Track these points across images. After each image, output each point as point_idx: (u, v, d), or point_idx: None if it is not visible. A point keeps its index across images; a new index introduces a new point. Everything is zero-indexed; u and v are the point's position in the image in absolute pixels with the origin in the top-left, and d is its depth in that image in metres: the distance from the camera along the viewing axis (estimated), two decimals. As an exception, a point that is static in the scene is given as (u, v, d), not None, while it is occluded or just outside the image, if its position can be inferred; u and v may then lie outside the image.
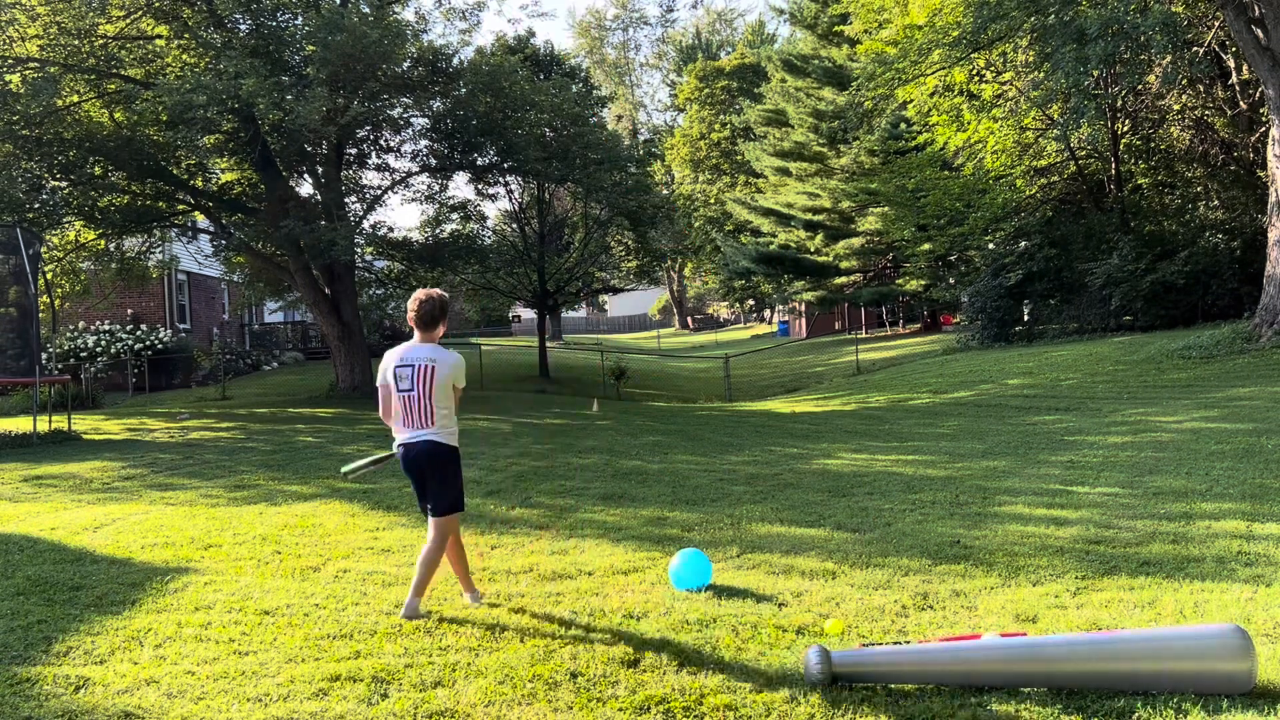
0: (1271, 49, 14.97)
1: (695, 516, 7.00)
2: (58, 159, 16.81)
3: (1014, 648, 3.55)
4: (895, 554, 5.53)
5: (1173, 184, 23.59)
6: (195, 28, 17.13)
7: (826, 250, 35.45)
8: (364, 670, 3.84)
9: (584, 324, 72.33)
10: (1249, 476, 7.00)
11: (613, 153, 21.84)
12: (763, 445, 11.31)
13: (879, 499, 7.34)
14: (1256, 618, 4.05)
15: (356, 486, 8.55)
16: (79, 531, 6.90)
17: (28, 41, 16.40)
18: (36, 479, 9.69)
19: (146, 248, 21.61)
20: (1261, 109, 18.24)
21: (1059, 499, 6.89)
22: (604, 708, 3.43)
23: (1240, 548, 5.19)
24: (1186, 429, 9.57)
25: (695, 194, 51.52)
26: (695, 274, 63.10)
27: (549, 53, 31.50)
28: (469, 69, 18.69)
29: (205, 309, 30.19)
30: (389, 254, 22.15)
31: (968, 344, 23.87)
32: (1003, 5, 16.03)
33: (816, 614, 4.43)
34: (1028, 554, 5.37)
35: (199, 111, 14.67)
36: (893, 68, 19.14)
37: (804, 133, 36.82)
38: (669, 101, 65.33)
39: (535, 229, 27.67)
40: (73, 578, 5.48)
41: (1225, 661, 3.31)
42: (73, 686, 3.75)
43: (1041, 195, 24.73)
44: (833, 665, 3.50)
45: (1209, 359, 14.77)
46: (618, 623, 4.42)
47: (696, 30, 68.39)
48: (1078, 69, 15.12)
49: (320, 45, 15.11)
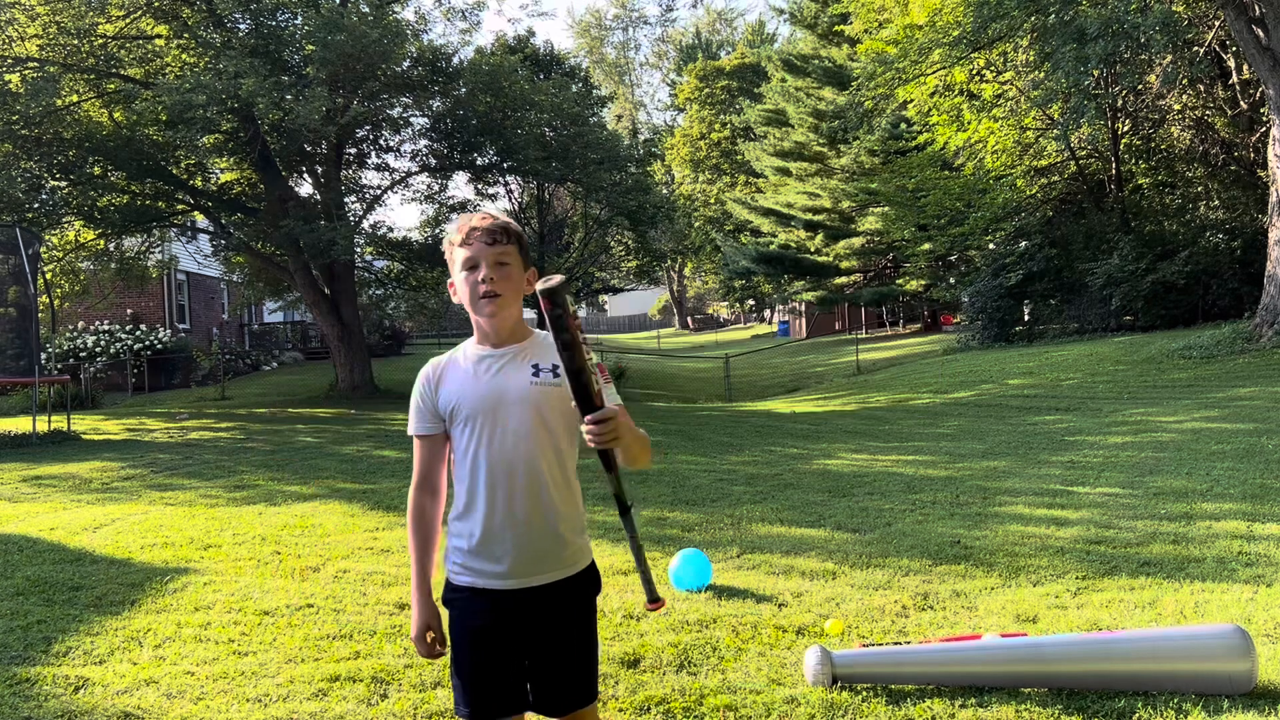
0: (1272, 49, 14.96)
1: (695, 516, 6.99)
2: (57, 159, 16.81)
3: (1014, 648, 3.55)
4: (895, 554, 5.52)
5: (1173, 184, 23.59)
6: (195, 27, 17.12)
7: (826, 250, 35.45)
8: (364, 670, 3.83)
9: (584, 324, 72.01)
10: (1250, 477, 7.00)
11: (612, 152, 21.82)
12: (763, 445, 11.30)
13: (879, 499, 7.33)
14: (1257, 618, 4.04)
15: (356, 486, 8.54)
16: (78, 532, 6.90)
17: (27, 41, 16.40)
18: (36, 479, 9.69)
19: (146, 248, 21.61)
20: (1262, 109, 18.23)
21: (1059, 499, 6.89)
22: (604, 708, 3.42)
23: (1241, 548, 5.18)
24: (1187, 429, 9.56)
25: (695, 194, 51.50)
26: (695, 274, 63.09)
27: (549, 52, 31.47)
28: (469, 68, 18.68)
29: (205, 309, 30.18)
30: (389, 254, 22.15)
31: (968, 344, 23.86)
32: (1003, 5, 16.02)
33: (817, 614, 4.43)
34: (1028, 554, 5.36)
35: (199, 111, 14.66)
36: (893, 67, 19.14)
37: (804, 133, 36.80)
38: (669, 101, 65.31)
39: (535, 229, 27.67)
40: (72, 578, 5.47)
41: (1226, 662, 3.30)
42: (72, 687, 3.75)
43: (1042, 195, 24.72)
44: (833, 665, 3.49)
45: (1210, 359, 14.76)
46: (618, 623, 4.41)
47: (696, 30, 68.38)
48: (1078, 69, 15.13)
49: (320, 45, 15.10)
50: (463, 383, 2.21)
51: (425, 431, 2.26)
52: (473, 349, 2.26)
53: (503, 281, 2.18)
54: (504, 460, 2.15)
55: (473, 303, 2.19)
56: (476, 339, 2.27)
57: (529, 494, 2.15)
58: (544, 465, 2.17)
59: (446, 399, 2.21)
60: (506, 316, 2.22)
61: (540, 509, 2.16)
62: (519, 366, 2.21)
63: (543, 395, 2.18)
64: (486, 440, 2.16)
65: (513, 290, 2.21)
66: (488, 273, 2.17)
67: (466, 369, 2.23)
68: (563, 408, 2.15)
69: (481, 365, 2.21)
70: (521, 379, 2.19)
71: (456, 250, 2.21)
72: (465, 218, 2.25)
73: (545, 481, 2.17)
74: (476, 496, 2.17)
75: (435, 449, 2.26)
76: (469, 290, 2.19)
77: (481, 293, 2.17)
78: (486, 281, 2.16)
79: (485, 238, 2.18)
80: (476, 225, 2.20)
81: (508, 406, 2.17)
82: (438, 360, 2.29)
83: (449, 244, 2.25)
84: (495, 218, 2.24)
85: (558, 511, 2.19)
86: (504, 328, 2.22)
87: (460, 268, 2.21)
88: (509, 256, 2.20)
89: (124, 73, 17.35)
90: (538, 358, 2.23)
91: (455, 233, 2.24)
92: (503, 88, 18.29)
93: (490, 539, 2.15)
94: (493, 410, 2.17)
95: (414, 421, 2.27)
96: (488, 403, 2.17)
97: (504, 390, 2.17)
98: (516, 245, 2.23)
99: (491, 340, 2.24)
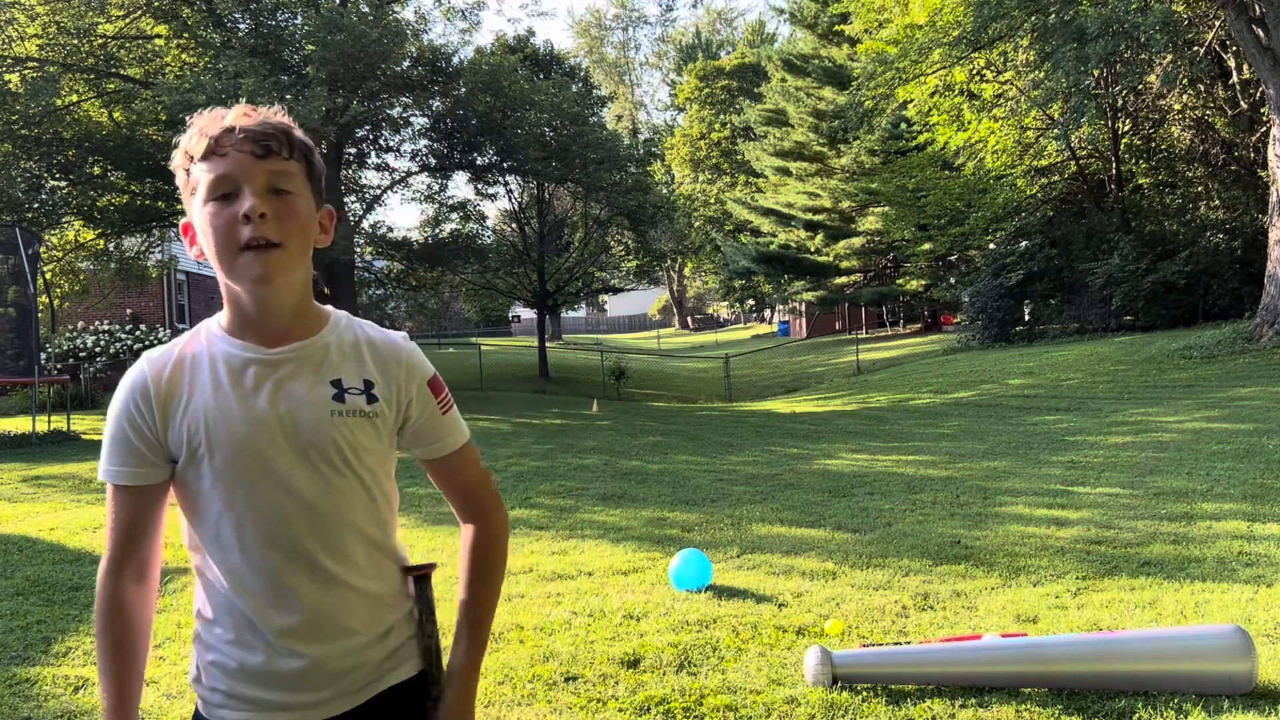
0: (1272, 48, 14.96)
1: (695, 517, 6.99)
2: (57, 159, 16.82)
3: (1015, 648, 3.54)
4: (896, 554, 5.52)
5: (1173, 184, 23.59)
6: (194, 27, 17.14)
7: (827, 250, 35.45)
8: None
9: (584, 324, 72.29)
10: (1250, 477, 6.99)
11: (612, 152, 21.84)
12: (763, 445, 11.29)
13: (879, 499, 7.32)
14: (1257, 618, 4.04)
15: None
16: (78, 532, 6.90)
17: (27, 41, 16.41)
18: (35, 479, 9.69)
19: (145, 247, 21.62)
20: (1262, 109, 18.22)
21: (1060, 499, 6.88)
22: (604, 708, 3.42)
23: (1241, 548, 5.18)
24: (1188, 429, 9.56)
25: (695, 194, 51.49)
26: (695, 274, 63.08)
27: (549, 52, 31.46)
28: (469, 68, 18.70)
29: (204, 309, 30.17)
30: (388, 254, 22.16)
31: (968, 344, 23.86)
32: (1003, 4, 16.02)
33: (817, 614, 4.42)
34: (1028, 554, 5.36)
35: (198, 111, 14.67)
36: (893, 67, 19.14)
37: (804, 132, 36.80)
38: (669, 101, 65.33)
39: (535, 229, 27.65)
40: (72, 578, 5.47)
41: (1226, 662, 3.30)
42: (72, 687, 3.74)
43: (1042, 195, 24.72)
44: (833, 666, 3.49)
45: (1210, 359, 14.76)
46: (618, 623, 4.41)
47: (696, 30, 68.39)
48: (1078, 68, 15.13)
49: (320, 45, 15.12)
50: (211, 402, 1.33)
51: (130, 480, 1.36)
52: (225, 344, 1.36)
53: (285, 221, 1.30)
54: (286, 535, 1.33)
55: (226, 258, 1.30)
56: (229, 325, 1.37)
57: (328, 582, 1.36)
58: (349, 539, 1.37)
59: (180, 429, 1.33)
60: (287, 286, 1.33)
61: (347, 603, 1.37)
62: (310, 382, 1.35)
63: (348, 430, 1.35)
64: (251, 501, 1.32)
65: (299, 238, 1.32)
66: (256, 204, 1.28)
67: (217, 379, 1.34)
68: (378, 447, 1.39)
69: (245, 376, 1.33)
70: (316, 404, 1.35)
71: (197, 166, 1.32)
72: (212, 114, 1.36)
73: (355, 560, 1.38)
74: (241, 583, 1.35)
75: (147, 504, 1.38)
76: (219, 235, 1.29)
77: (245, 239, 1.28)
78: (255, 220, 1.28)
79: (251, 144, 1.30)
80: (235, 124, 1.32)
81: (291, 447, 1.33)
82: (158, 357, 1.37)
83: (183, 156, 1.36)
84: (265, 114, 1.35)
85: (373, 601, 1.40)
86: (281, 307, 1.35)
87: (205, 196, 1.31)
88: (291, 180, 1.33)
89: (124, 72, 17.37)
90: (339, 368, 1.38)
91: (195, 136, 1.34)
92: (503, 87, 18.31)
93: (267, 651, 1.36)
94: (264, 454, 1.32)
95: (111, 459, 1.37)
96: (255, 444, 1.32)
97: (287, 421, 1.33)
98: (303, 163, 1.35)
99: (259, 330, 1.35)
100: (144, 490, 1.37)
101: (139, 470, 1.35)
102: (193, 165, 1.33)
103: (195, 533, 1.40)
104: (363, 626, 1.40)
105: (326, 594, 1.36)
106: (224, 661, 1.38)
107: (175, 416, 1.33)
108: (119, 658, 1.38)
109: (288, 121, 1.36)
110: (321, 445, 1.34)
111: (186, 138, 1.35)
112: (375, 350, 1.41)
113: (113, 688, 1.37)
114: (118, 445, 1.36)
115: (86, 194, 17.66)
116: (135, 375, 1.36)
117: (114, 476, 1.37)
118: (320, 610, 1.36)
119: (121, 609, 1.40)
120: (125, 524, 1.40)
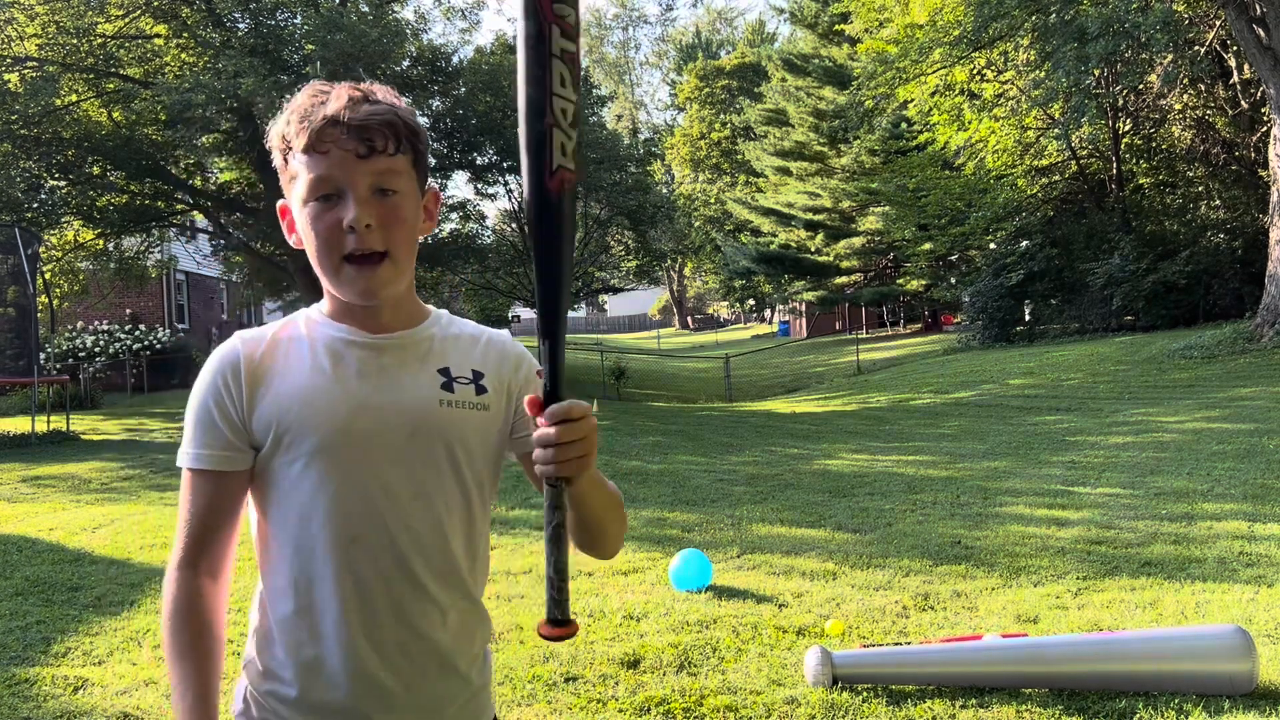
0: (1273, 48, 14.95)
1: (695, 517, 6.98)
2: (56, 158, 16.82)
3: (1015, 648, 3.54)
4: (896, 555, 5.51)
5: (1174, 184, 23.59)
6: (194, 27, 17.14)
7: (827, 250, 35.45)
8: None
9: (584, 324, 72.31)
10: (1251, 477, 6.99)
11: (612, 152, 21.85)
12: (763, 445, 11.29)
13: (880, 499, 7.32)
14: (1258, 618, 4.04)
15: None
16: (78, 532, 6.89)
17: (26, 41, 16.40)
18: (35, 479, 9.68)
19: (145, 247, 21.63)
20: (1263, 108, 18.22)
21: (1060, 499, 6.88)
22: (604, 709, 3.42)
23: (1242, 548, 5.17)
24: (1188, 429, 9.55)
25: (695, 194, 51.51)
26: (695, 274, 63.09)
27: (549, 52, 31.42)
28: (468, 68, 18.72)
29: (204, 309, 30.17)
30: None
31: (969, 344, 23.86)
32: (1004, 4, 16.03)
33: (817, 615, 4.42)
34: (1029, 554, 5.35)
35: (198, 111, 14.67)
36: (893, 67, 19.14)
37: (804, 132, 36.80)
38: (669, 101, 65.38)
39: (535, 229, 27.61)
40: (71, 578, 5.47)
41: (1227, 662, 3.30)
42: (71, 687, 3.74)
43: (1043, 195, 24.72)
44: (834, 666, 3.49)
45: (1211, 359, 14.75)
46: (618, 623, 4.40)
47: (697, 29, 68.38)
48: (1078, 68, 15.13)
49: (319, 44, 15.12)
50: (305, 385, 1.23)
51: (214, 465, 1.24)
52: (327, 328, 1.28)
53: (391, 228, 1.21)
54: (376, 534, 1.23)
55: (329, 266, 1.22)
56: (331, 310, 1.29)
57: (418, 595, 1.25)
58: (447, 544, 1.27)
59: (269, 411, 1.22)
60: (393, 282, 1.25)
61: (435, 622, 1.27)
62: (415, 369, 1.27)
63: (457, 423, 1.26)
64: (342, 495, 1.22)
65: (406, 245, 1.24)
66: (360, 215, 1.18)
67: (317, 361, 1.25)
68: (485, 448, 1.30)
69: (346, 360, 1.25)
70: (422, 391, 1.26)
71: (297, 158, 1.21)
72: (313, 95, 1.21)
73: (456, 564, 1.28)
74: (318, 596, 1.24)
75: (227, 494, 1.27)
76: (321, 240, 1.20)
77: (349, 249, 1.20)
78: (361, 230, 1.18)
79: (355, 142, 1.18)
80: (337, 113, 1.18)
81: (394, 438, 1.23)
82: (251, 338, 1.27)
83: (280, 140, 1.22)
84: (370, 96, 1.21)
85: (463, 624, 1.30)
86: (388, 302, 1.27)
87: (305, 194, 1.20)
88: (397, 178, 1.21)
89: (123, 72, 17.36)
90: (446, 357, 1.30)
91: (294, 121, 1.20)
92: (502, 87, 18.32)
93: (347, 676, 1.24)
94: (364, 443, 1.22)
95: (193, 442, 1.25)
96: (356, 428, 1.22)
97: (390, 408, 1.24)
98: (410, 153, 1.23)
99: (362, 318, 1.27)
100: (224, 477, 1.25)
101: (222, 454, 1.23)
102: (291, 155, 1.21)
103: (269, 533, 1.30)
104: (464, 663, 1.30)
105: (423, 615, 1.26)
106: (283, 691, 1.27)
107: (264, 398, 1.23)
108: (196, 656, 1.26)
109: (394, 100, 1.23)
110: (427, 437, 1.24)
111: (284, 120, 1.22)
112: (481, 342, 1.34)
113: (193, 689, 1.24)
114: (201, 426, 1.24)
115: (86, 194, 17.67)
116: (226, 350, 1.26)
117: (194, 460, 1.24)
118: (414, 633, 1.26)
119: (199, 605, 1.28)
120: (202, 514, 1.26)
